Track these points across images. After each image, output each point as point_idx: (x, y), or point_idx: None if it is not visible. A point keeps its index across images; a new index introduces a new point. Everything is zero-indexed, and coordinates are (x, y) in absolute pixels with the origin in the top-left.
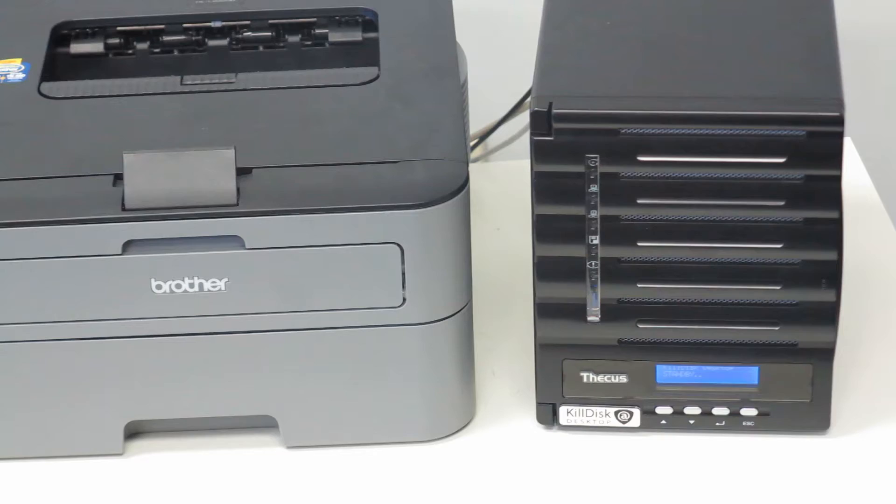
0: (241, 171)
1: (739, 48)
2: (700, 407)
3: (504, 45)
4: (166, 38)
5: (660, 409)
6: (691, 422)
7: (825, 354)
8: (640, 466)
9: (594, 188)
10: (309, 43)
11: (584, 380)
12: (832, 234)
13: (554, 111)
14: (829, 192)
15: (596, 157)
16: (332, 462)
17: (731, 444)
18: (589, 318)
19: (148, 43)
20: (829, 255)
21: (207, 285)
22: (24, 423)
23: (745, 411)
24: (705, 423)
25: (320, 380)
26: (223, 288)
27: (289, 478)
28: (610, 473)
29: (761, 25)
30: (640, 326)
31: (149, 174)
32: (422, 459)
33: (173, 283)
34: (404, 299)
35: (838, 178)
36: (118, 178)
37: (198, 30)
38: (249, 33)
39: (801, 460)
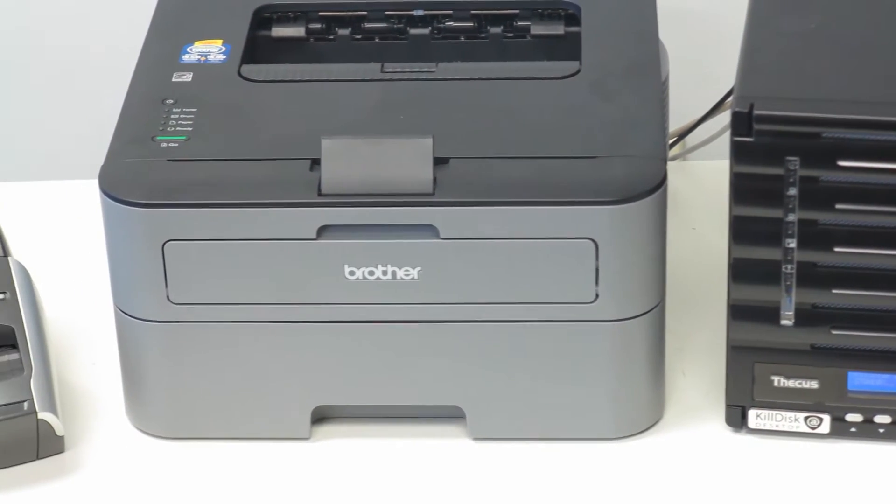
0: (439, 161)
1: None
2: (891, 416)
3: (706, 43)
4: (368, 25)
5: (850, 417)
6: (881, 430)
7: None
8: (827, 474)
9: (793, 191)
10: (510, 35)
11: (775, 384)
12: None
13: (755, 112)
14: None
15: (796, 160)
16: (518, 456)
17: None
18: (782, 322)
19: (349, 29)
20: None
21: (400, 273)
22: (215, 403)
23: None
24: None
25: (510, 373)
26: (416, 277)
27: (474, 469)
28: (797, 479)
29: None
30: (834, 332)
31: (346, 160)
32: (608, 457)
33: (366, 270)
34: (597, 295)
35: None
36: (315, 162)
37: (400, 18)
38: (451, 23)
39: None
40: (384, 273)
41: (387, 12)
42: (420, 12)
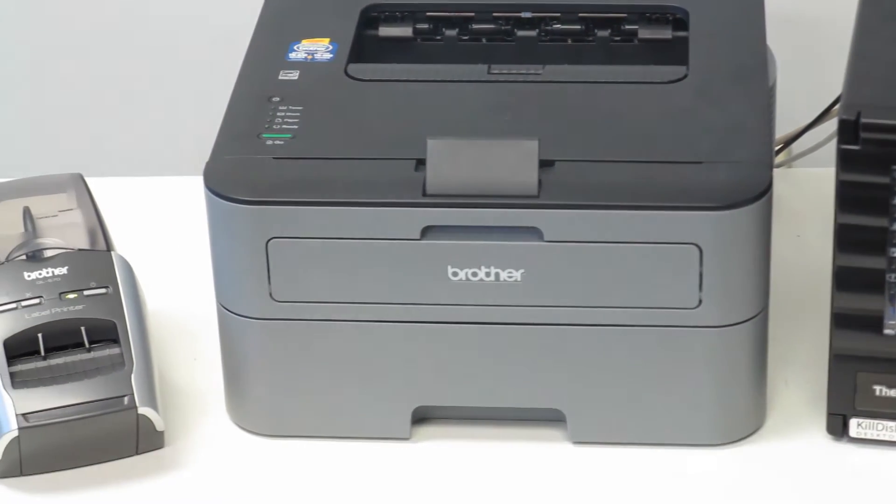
0: (544, 164)
1: None
2: None
3: (815, 49)
4: (475, 27)
5: None
6: None
7: None
8: None
9: None
10: (618, 38)
11: (877, 393)
12: None
13: (862, 120)
14: None
15: None
16: (618, 460)
17: None
18: (886, 331)
19: (457, 30)
20: None
21: (504, 275)
22: (316, 402)
23: None
24: None
25: (611, 377)
26: (519, 279)
27: (573, 473)
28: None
29: None
30: None
31: (451, 161)
32: (708, 463)
33: (469, 272)
34: (700, 301)
35: None
36: (420, 163)
37: (507, 19)
38: (559, 26)
39: None
40: (487, 275)
41: (494, 14)
42: (528, 14)
